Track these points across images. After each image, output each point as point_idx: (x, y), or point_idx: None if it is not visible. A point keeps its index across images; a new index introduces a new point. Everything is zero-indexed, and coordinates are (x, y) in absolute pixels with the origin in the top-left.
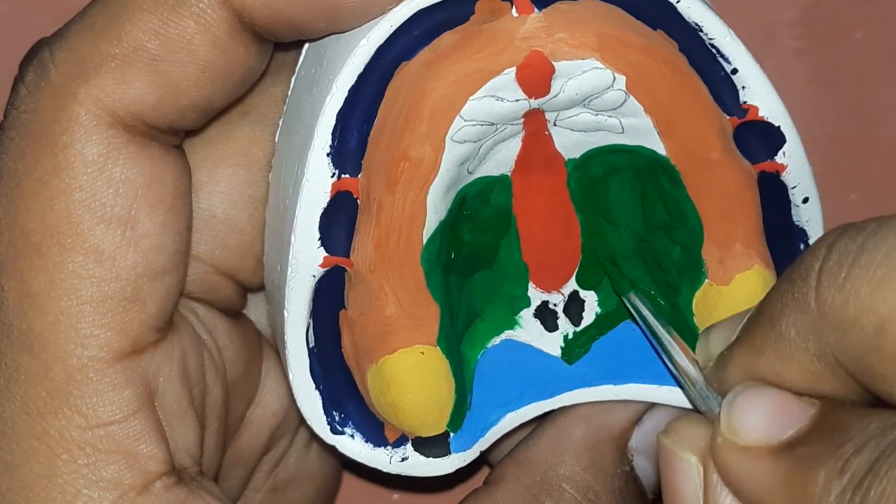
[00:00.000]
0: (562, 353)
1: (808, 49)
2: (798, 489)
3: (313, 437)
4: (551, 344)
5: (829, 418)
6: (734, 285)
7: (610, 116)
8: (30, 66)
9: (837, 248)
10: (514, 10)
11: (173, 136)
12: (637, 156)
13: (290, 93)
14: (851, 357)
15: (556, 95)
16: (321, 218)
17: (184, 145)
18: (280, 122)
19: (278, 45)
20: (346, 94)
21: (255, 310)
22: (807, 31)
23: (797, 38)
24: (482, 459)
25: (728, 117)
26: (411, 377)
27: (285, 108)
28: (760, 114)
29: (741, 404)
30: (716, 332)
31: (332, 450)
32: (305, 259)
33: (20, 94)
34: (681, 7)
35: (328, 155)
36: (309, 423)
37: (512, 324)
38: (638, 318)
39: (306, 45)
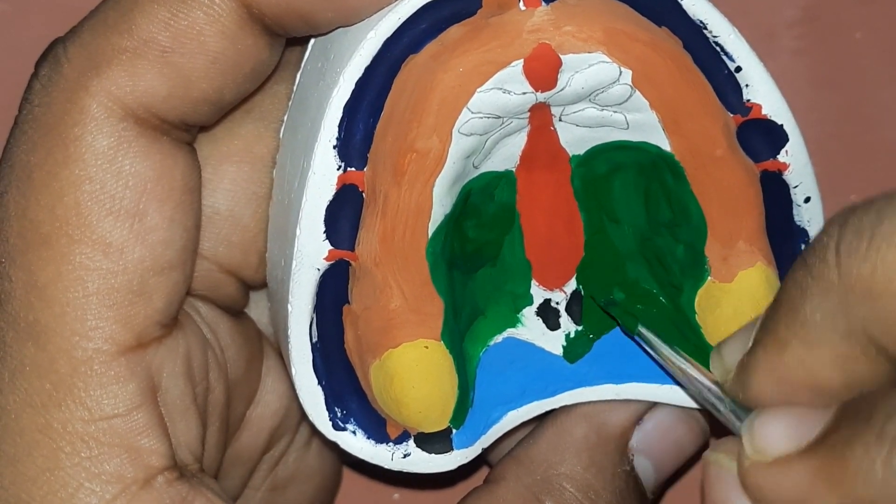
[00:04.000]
0: (563, 352)
1: (808, 49)
2: (839, 471)
3: (315, 433)
4: (553, 342)
5: (852, 407)
6: (737, 282)
7: (615, 112)
8: (44, 63)
9: (852, 223)
10: (521, 3)
11: (185, 131)
12: (641, 152)
13: (295, 88)
14: (884, 328)
15: (562, 89)
16: (326, 211)
17: None
18: (285, 118)
19: (288, 42)
20: (353, 86)
21: (256, 308)
22: (807, 31)
23: (797, 39)
24: (481, 459)
25: (731, 115)
26: (415, 372)
27: (290, 103)
28: (764, 112)
29: (761, 422)
30: (728, 345)
31: (333, 446)
32: (310, 252)
33: (34, 89)
34: (685, 4)
35: (335, 147)
36: (311, 418)
37: (514, 321)
38: (651, 351)
39: (312, 40)
